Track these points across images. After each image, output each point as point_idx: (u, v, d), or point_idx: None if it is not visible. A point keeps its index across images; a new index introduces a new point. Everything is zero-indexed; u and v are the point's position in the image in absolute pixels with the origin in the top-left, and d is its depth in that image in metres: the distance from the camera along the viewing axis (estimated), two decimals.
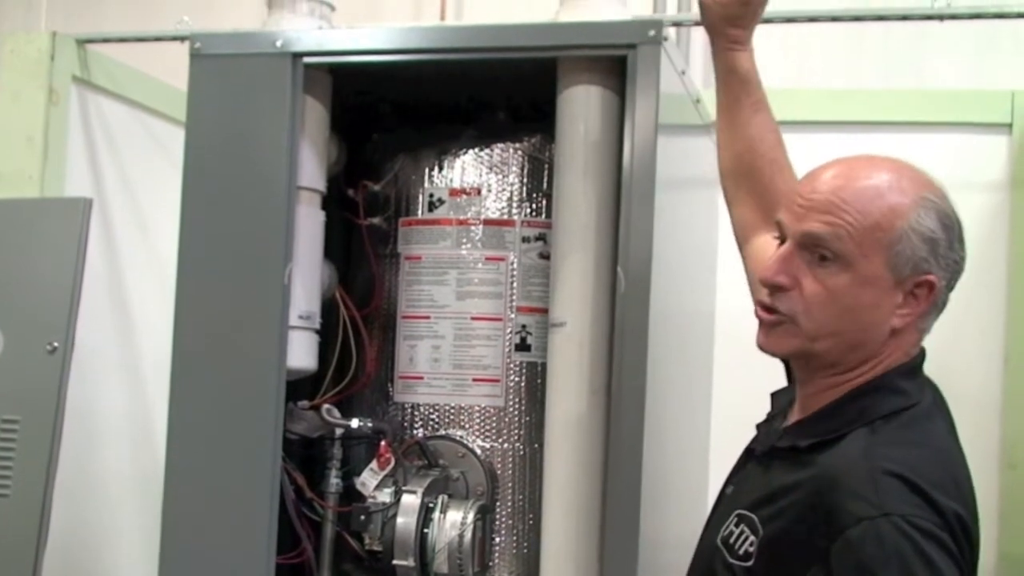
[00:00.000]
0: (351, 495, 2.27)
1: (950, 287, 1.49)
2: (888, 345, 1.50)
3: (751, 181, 1.85)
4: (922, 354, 1.55)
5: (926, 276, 1.45)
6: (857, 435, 1.45)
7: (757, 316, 1.57)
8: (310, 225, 2.23)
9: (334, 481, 2.29)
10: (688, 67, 2.85)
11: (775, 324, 1.53)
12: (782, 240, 1.54)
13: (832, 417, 1.50)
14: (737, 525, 1.52)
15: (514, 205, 2.31)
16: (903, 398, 1.49)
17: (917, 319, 1.49)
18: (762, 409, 1.77)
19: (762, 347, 1.57)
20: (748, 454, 1.66)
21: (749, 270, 1.84)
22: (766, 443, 1.61)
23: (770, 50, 3.36)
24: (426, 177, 2.37)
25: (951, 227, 1.47)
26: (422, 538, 2.17)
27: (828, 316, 1.48)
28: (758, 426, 1.71)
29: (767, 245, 1.71)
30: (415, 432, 2.32)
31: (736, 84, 1.88)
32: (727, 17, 1.88)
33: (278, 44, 2.14)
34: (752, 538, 1.48)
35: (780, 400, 1.70)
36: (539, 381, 2.25)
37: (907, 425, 1.47)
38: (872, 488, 1.37)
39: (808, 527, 1.41)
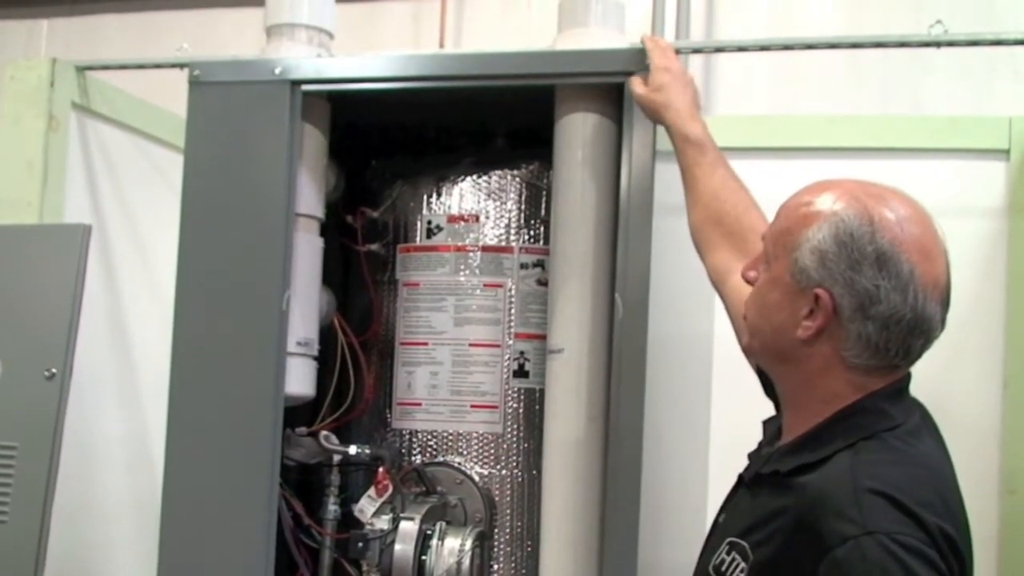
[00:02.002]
0: (349, 522, 2.26)
1: (870, 317, 1.45)
2: (809, 361, 1.51)
3: (720, 226, 1.89)
4: (905, 379, 1.55)
5: (818, 289, 1.46)
6: (841, 457, 1.45)
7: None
8: (308, 252, 2.24)
9: (332, 508, 2.29)
10: None
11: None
12: None
13: (813, 441, 1.50)
14: (728, 553, 1.52)
15: (512, 232, 2.32)
16: (885, 420, 1.49)
17: (832, 342, 1.48)
18: (759, 434, 1.77)
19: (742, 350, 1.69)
20: (739, 481, 1.67)
21: (729, 309, 1.86)
22: (751, 470, 1.62)
23: (767, 77, 3.39)
24: (424, 204, 2.38)
25: (853, 246, 1.45)
26: (420, 565, 2.16)
27: (754, 310, 1.59)
28: (750, 455, 1.72)
29: (743, 284, 1.76)
30: (413, 458, 2.32)
31: (692, 150, 1.93)
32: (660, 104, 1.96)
33: (277, 72, 2.15)
34: (743, 564, 1.48)
35: (769, 428, 1.71)
36: (537, 407, 2.25)
37: (891, 445, 1.47)
38: (855, 507, 1.37)
39: (796, 550, 1.41)
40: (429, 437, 2.31)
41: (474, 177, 2.36)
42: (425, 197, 2.38)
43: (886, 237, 1.45)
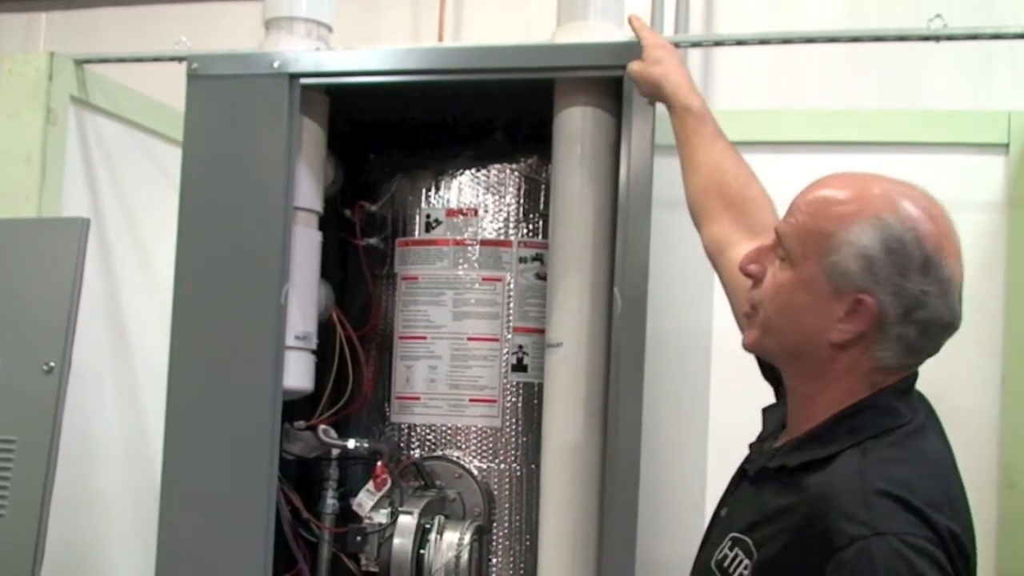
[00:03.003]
0: (347, 516, 2.27)
1: (912, 321, 1.44)
2: (837, 365, 1.49)
3: (722, 197, 1.87)
4: (914, 376, 1.54)
5: (863, 295, 1.43)
6: (848, 455, 1.44)
7: (747, 316, 1.60)
8: (307, 245, 2.24)
9: (330, 502, 2.29)
10: None
11: (750, 317, 1.57)
12: None
13: (821, 438, 1.49)
14: (731, 548, 1.51)
15: (511, 226, 2.32)
16: (893, 417, 1.48)
17: (864, 342, 1.46)
18: (758, 427, 1.77)
19: (743, 344, 1.61)
20: (741, 475, 1.65)
21: (726, 282, 1.86)
22: (756, 464, 1.60)
23: (768, 71, 3.38)
24: (423, 198, 2.38)
25: (902, 253, 1.43)
26: (418, 559, 2.16)
27: (773, 309, 1.52)
28: (751, 446, 1.71)
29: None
30: (412, 453, 2.32)
31: (692, 120, 1.91)
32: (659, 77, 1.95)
33: (275, 65, 2.15)
34: (746, 561, 1.47)
35: (771, 419, 1.69)
36: (536, 402, 2.25)
37: (898, 443, 1.46)
38: (864, 508, 1.36)
39: (801, 550, 1.40)
40: (428, 431, 2.31)
41: (473, 171, 2.36)
42: (424, 191, 2.38)
43: (930, 242, 1.43)
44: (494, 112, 2.42)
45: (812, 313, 1.48)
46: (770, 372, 1.78)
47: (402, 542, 2.16)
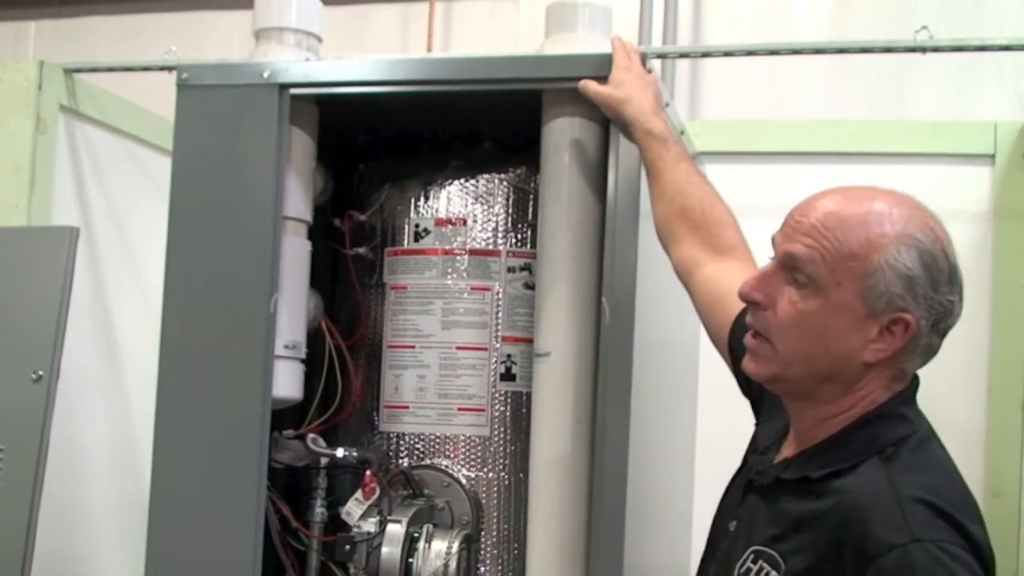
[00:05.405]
0: (336, 525, 2.26)
1: (937, 330, 1.47)
2: (865, 380, 1.50)
3: (686, 219, 1.90)
4: (916, 381, 1.55)
5: (902, 314, 1.45)
6: (872, 463, 1.46)
7: (746, 343, 1.58)
8: (296, 255, 2.24)
9: (319, 511, 2.28)
10: (672, 99, 2.87)
11: (757, 348, 1.55)
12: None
13: (840, 446, 1.50)
14: (755, 562, 1.50)
15: (499, 235, 2.32)
16: (907, 424, 1.50)
17: (895, 356, 1.48)
18: (746, 438, 1.77)
19: (747, 372, 1.59)
20: (748, 487, 1.63)
21: (698, 303, 1.89)
22: (769, 476, 1.58)
23: (754, 82, 3.40)
24: (412, 207, 2.38)
25: (936, 268, 1.45)
26: (407, 568, 2.16)
27: (797, 339, 1.49)
28: (748, 457, 1.71)
29: (711, 277, 1.83)
30: (400, 461, 2.32)
31: (656, 144, 1.94)
32: (621, 100, 1.97)
33: (265, 75, 2.15)
34: (773, 573, 1.47)
35: (768, 433, 1.69)
36: (524, 411, 2.25)
37: (917, 450, 1.48)
38: (900, 515, 1.38)
39: (835, 559, 1.41)
40: (416, 440, 2.32)
41: (462, 181, 2.36)
42: (413, 200, 2.38)
43: (950, 252, 1.48)
44: (483, 122, 2.43)
45: (846, 337, 1.47)
46: (748, 388, 1.79)
47: (390, 551, 2.17)
